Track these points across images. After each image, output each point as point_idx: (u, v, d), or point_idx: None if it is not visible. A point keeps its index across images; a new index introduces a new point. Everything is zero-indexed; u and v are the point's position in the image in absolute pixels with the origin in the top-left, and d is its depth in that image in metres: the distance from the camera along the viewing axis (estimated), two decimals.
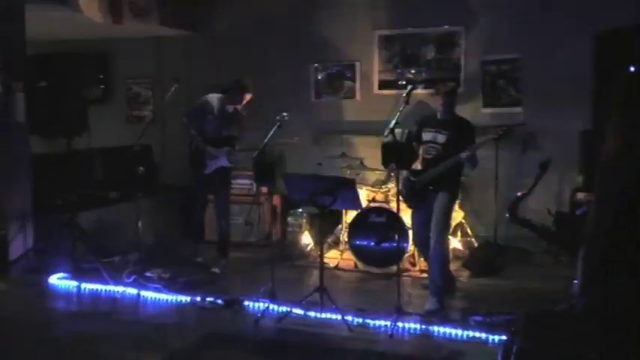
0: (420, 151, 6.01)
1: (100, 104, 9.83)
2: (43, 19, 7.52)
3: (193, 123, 7.05)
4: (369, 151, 8.04)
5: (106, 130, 9.16)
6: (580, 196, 7.12)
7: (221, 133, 7.03)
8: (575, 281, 5.50)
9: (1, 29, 6.78)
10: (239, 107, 7.01)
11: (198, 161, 7.05)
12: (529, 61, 8.09)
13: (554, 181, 7.51)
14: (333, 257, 7.43)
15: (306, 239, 7.79)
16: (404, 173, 6.01)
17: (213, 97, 7.10)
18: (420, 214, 6.03)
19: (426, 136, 5.94)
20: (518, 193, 6.70)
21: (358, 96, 8.93)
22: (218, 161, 7.02)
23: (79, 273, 6.64)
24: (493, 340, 5.05)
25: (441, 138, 5.85)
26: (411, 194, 6.02)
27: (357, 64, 8.88)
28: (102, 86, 10.14)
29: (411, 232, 6.67)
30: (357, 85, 8.91)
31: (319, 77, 9.08)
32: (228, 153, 6.99)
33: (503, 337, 4.94)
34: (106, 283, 6.40)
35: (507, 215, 6.77)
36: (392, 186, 7.13)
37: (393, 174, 6.97)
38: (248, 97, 6.96)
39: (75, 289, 6.48)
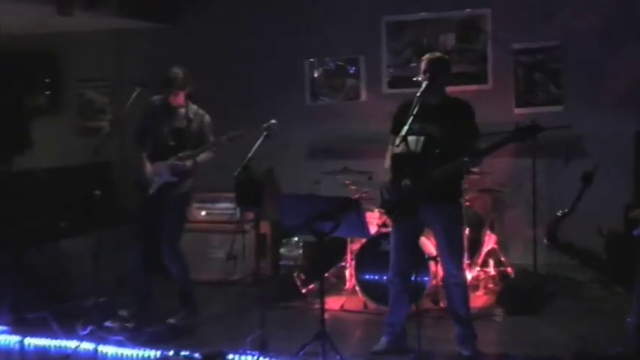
0: (401, 147, 5.53)
1: (46, 114, 9.93)
2: None
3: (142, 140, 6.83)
4: (378, 164, 8.03)
5: (53, 147, 9.23)
6: (636, 211, 7.09)
7: (167, 143, 6.70)
8: (629, 320, 5.49)
9: None
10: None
11: (142, 180, 6.75)
12: (571, 48, 8.08)
13: (605, 193, 7.49)
14: (336, 296, 7.42)
15: (304, 275, 7.76)
16: (387, 177, 5.86)
17: (156, 100, 6.86)
18: (406, 233, 5.81)
19: (410, 127, 5.47)
20: (558, 213, 6.68)
21: (363, 96, 8.95)
22: (160, 178, 6.69)
23: (21, 325, 6.62)
24: None
25: (431, 129, 5.57)
26: (398, 204, 5.71)
27: (362, 57, 8.91)
28: (48, 92, 10.20)
29: (432, 263, 6.67)
30: (362, 83, 8.93)
31: (315, 75, 9.11)
32: (170, 166, 6.61)
33: None
34: (55, 337, 6.35)
35: (546, 241, 6.75)
36: None
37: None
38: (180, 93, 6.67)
39: (17, 346, 6.41)
